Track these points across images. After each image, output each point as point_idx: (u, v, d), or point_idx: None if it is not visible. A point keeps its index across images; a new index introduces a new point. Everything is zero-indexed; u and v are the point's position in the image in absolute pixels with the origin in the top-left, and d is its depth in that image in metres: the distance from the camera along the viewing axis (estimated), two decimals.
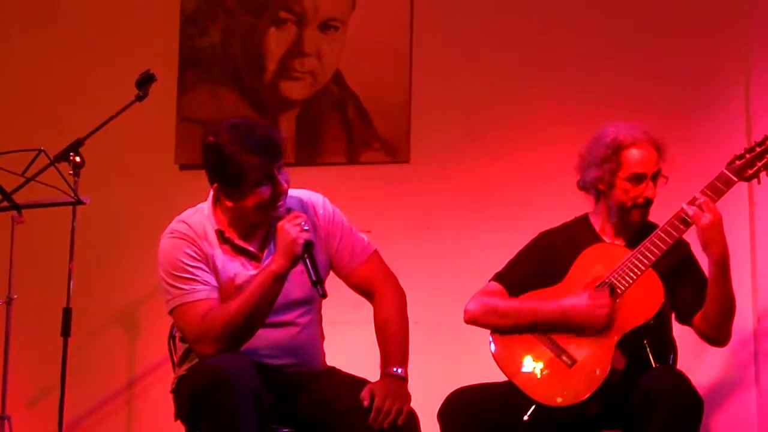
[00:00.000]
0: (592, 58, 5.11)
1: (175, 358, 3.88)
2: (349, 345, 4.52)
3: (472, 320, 4.07)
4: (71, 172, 4.56)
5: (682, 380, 3.77)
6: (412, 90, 5.29)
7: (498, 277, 4.12)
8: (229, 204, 3.66)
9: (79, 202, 4.51)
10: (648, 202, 3.99)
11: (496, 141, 5.17)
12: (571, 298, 3.91)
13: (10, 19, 5.81)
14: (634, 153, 3.97)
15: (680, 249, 4.01)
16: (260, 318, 3.58)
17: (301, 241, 3.54)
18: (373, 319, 3.81)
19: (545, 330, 3.94)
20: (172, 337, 3.99)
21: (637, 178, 3.97)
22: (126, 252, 5.46)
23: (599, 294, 3.88)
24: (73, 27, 5.74)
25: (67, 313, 4.66)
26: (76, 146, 4.59)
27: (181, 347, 3.77)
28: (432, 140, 5.25)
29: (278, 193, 3.62)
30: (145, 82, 4.66)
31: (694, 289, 3.98)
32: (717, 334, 3.97)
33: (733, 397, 4.81)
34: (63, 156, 4.58)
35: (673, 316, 4.06)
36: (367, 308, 3.88)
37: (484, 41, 5.25)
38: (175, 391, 3.78)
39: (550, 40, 5.15)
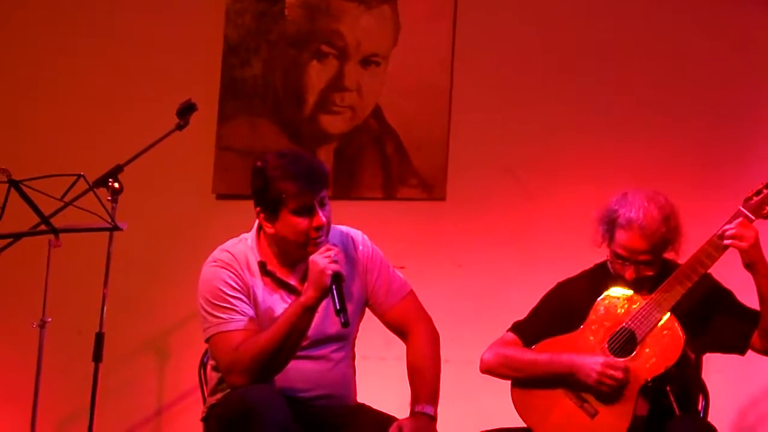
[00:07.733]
0: (634, 101, 5.10)
1: (205, 387, 3.89)
2: (379, 381, 4.50)
3: (487, 370, 4.05)
4: (109, 198, 4.57)
5: (707, 429, 3.73)
6: (450, 127, 5.30)
7: (515, 328, 4.08)
8: (270, 231, 3.67)
9: (116, 227, 4.50)
10: (632, 281, 3.91)
11: (534, 181, 5.17)
12: (586, 357, 3.86)
13: (54, 45, 5.87)
14: (621, 235, 3.87)
15: (705, 283, 3.91)
16: (290, 349, 3.57)
17: (329, 272, 3.52)
18: (404, 356, 3.81)
19: (565, 379, 3.91)
20: (203, 365, 4.00)
21: (621, 258, 3.90)
22: (160, 279, 5.50)
23: (614, 358, 3.83)
24: (116, 54, 5.79)
25: (99, 337, 4.65)
26: (115, 172, 4.61)
27: (214, 376, 3.77)
28: (469, 178, 5.25)
29: (316, 226, 3.63)
30: (186, 111, 4.68)
31: (736, 314, 3.91)
32: None
33: None
34: (102, 182, 4.59)
35: (702, 358, 3.99)
36: (397, 345, 3.87)
37: (525, 80, 5.26)
38: (205, 420, 3.78)
39: (591, 81, 5.15)
